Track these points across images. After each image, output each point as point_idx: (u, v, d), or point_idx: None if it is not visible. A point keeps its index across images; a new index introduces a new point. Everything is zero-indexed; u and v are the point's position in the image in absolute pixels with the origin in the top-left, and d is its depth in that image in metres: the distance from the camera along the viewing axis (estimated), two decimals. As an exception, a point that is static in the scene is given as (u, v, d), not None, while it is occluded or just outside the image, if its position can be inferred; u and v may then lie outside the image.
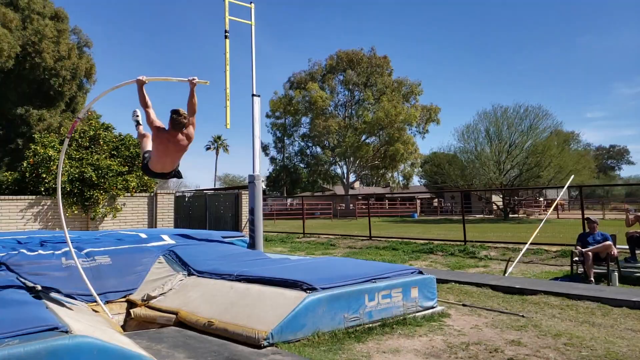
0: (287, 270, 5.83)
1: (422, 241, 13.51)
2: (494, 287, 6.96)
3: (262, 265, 6.45)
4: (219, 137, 64.14)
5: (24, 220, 12.38)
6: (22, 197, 12.50)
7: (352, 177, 46.82)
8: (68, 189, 12.66)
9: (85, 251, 6.70)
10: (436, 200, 50.35)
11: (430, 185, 48.34)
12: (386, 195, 48.68)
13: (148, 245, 7.27)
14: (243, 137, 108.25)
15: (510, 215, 30.98)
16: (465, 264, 9.98)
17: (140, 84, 4.72)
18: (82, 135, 13.89)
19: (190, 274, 6.42)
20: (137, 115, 5.70)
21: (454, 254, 11.26)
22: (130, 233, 8.48)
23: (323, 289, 4.90)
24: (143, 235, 8.09)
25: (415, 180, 53.33)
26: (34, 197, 12.60)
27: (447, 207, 45.70)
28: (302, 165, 47.01)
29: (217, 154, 64.64)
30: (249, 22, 7.87)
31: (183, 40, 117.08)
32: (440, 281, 7.60)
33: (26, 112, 16.44)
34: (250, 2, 7.94)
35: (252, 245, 7.88)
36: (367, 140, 43.73)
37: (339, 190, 48.97)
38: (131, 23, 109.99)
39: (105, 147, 13.95)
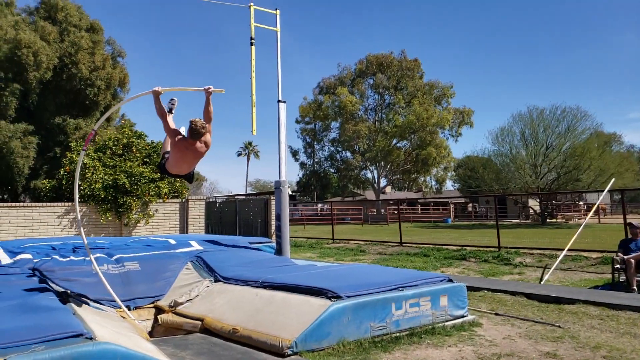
0: (313, 278, 5.75)
1: (454, 247, 13.21)
2: (529, 296, 6.68)
3: (288, 271, 6.39)
4: (250, 144, 64.88)
5: (61, 226, 12.75)
6: (59, 203, 12.89)
7: (383, 182, 46.42)
8: (102, 196, 12.97)
9: (115, 257, 6.81)
10: (470, 204, 49.34)
11: (464, 189, 47.39)
12: (418, 200, 48.04)
13: (176, 251, 7.33)
14: (274, 143, 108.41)
15: (548, 220, 29.99)
16: (498, 271, 9.66)
17: (156, 95, 4.86)
18: (115, 143, 14.24)
19: (216, 280, 6.42)
20: (173, 104, 5.71)
21: (487, 260, 10.94)
22: (160, 239, 8.59)
23: (348, 297, 4.79)
24: (172, 242, 8.17)
25: (449, 185, 52.50)
26: (70, 203, 12.97)
27: (482, 211, 44.70)
28: (332, 170, 46.94)
29: (248, 159, 65.43)
30: (275, 29, 7.87)
31: (212, 47, 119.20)
32: (472, 289, 7.36)
33: (63, 121, 17.01)
34: (276, 9, 7.94)
35: (279, 251, 7.84)
36: (398, 144, 43.29)
37: (370, 195, 48.62)
38: (161, 33, 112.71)
39: (138, 155, 14.25)
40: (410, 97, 42.80)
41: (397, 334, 4.74)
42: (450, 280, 5.70)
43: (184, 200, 14.57)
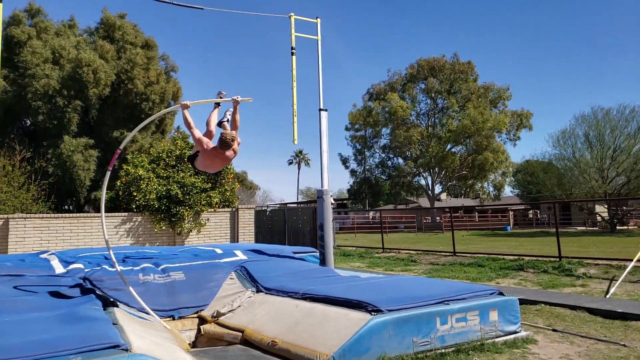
0: (354, 290, 5.57)
1: (511, 257, 12.55)
2: (592, 311, 6.15)
3: (330, 283, 6.24)
4: (300, 152, 65.48)
5: (118, 235, 13.25)
6: (116, 214, 13.41)
7: (438, 189, 45.31)
8: (156, 206, 13.38)
9: (161, 267, 6.91)
10: (531, 211, 47.14)
11: (524, 195, 45.40)
12: (476, 208, 46.49)
13: (221, 261, 7.37)
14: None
15: (618, 228, 28.04)
16: (559, 283, 9.02)
17: (184, 108, 5.22)
18: (169, 154, 14.68)
19: (258, 291, 6.37)
20: (221, 97, 5.74)
21: (546, 271, 10.28)
22: (207, 249, 8.70)
23: (390, 310, 4.59)
24: (219, 251, 8.25)
25: (507, 191, 50.43)
26: (126, 214, 13.47)
27: (544, 218, 42.58)
28: (383, 177, 46.34)
29: (299, 168, 66.04)
30: (316, 37, 7.80)
31: (262, 55, 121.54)
32: (527, 302, 6.91)
33: (121, 134, 17.81)
34: (317, 18, 7.89)
35: (322, 261, 7.70)
36: (452, 150, 42.16)
37: (424, 202, 47.58)
38: (212, 46, 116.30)
39: (190, 166, 14.62)
40: (464, 100, 41.64)
41: (443, 350, 4.49)
42: (501, 294, 5.34)
43: (234, 209, 14.78)
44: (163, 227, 13.64)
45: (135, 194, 13.48)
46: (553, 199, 29.98)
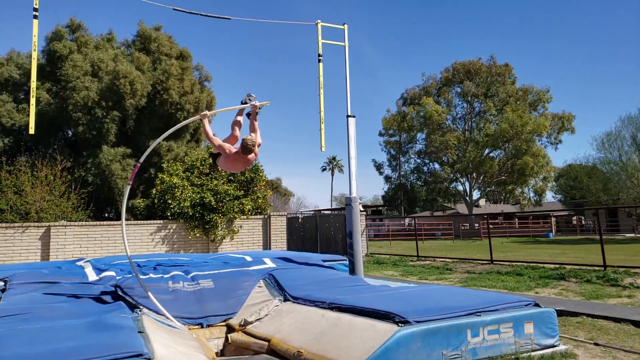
0: (382, 300, 5.42)
1: (552, 265, 12.05)
2: (638, 324, 5.77)
3: (358, 292, 6.10)
4: (334, 158, 65.34)
5: (153, 243, 13.52)
6: (152, 221, 13.70)
7: (476, 195, 44.25)
8: (190, 214, 13.59)
9: (191, 275, 6.94)
10: (575, 217, 45.35)
11: (567, 201, 43.75)
12: (516, 214, 45.11)
13: (249, 269, 7.34)
14: (358, 156, 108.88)
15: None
16: (603, 294, 8.55)
17: (203, 118, 5.47)
18: (202, 162, 14.92)
19: (285, 299, 6.30)
20: (249, 98, 5.77)
21: (590, 280, 9.78)
22: (237, 256, 8.71)
23: (417, 322, 4.41)
24: (248, 259, 8.23)
25: (549, 196, 48.74)
26: (161, 221, 13.73)
27: (589, 225, 40.86)
28: (419, 183, 45.60)
29: (332, 174, 65.87)
30: (343, 44, 7.73)
31: (296, 63, 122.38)
32: (568, 314, 6.56)
33: (157, 144, 18.26)
34: (344, 24, 7.81)
35: (352, 270, 7.56)
36: (490, 154, 41.11)
37: (462, 208, 46.54)
38: (245, 54, 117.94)
39: (223, 173, 14.79)
40: (502, 104, 40.59)
41: (474, 364, 4.28)
42: (537, 305, 5.07)
43: (266, 216, 14.84)
44: (197, 235, 13.82)
45: (170, 201, 13.75)
46: (598, 204, 28.75)
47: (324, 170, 68.46)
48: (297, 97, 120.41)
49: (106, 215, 18.92)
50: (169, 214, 13.70)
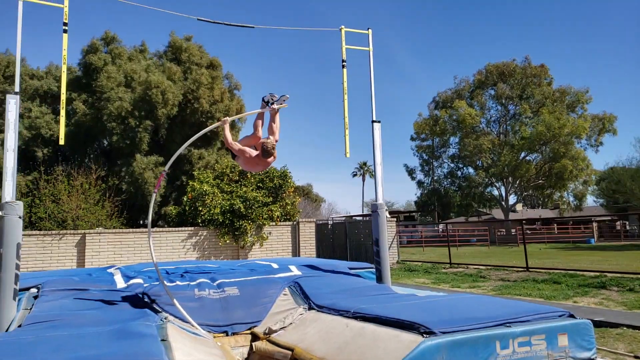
0: (408, 309, 5.25)
1: (592, 273, 11.54)
2: (685, 337, 5.41)
3: (383, 301, 5.95)
4: (364, 164, 64.93)
5: (185, 249, 13.70)
6: (183, 228, 13.89)
7: (512, 199, 43.08)
8: (220, 220, 13.71)
9: (217, 282, 6.94)
10: (618, 222, 43.51)
11: (610, 205, 42.06)
12: (555, 219, 43.66)
13: (275, 276, 7.29)
14: (389, 161, 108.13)
15: None
16: (647, 303, 8.10)
17: (224, 124, 5.63)
18: (232, 170, 15.07)
19: (310, 308, 6.21)
20: (273, 99, 5.82)
21: (633, 289, 9.30)
22: (264, 263, 8.68)
23: (443, 332, 4.24)
24: (275, 266, 8.19)
25: (590, 200, 46.99)
26: (192, 228, 13.91)
27: (633, 230, 39.11)
28: (453, 188, 44.73)
29: (363, 180, 65.37)
30: (367, 49, 7.63)
31: (325, 68, 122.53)
32: (608, 325, 6.22)
33: (188, 152, 18.58)
34: (368, 29, 7.71)
35: (378, 278, 7.41)
36: (527, 158, 39.99)
37: (498, 214, 45.40)
38: (273, 62, 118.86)
39: (252, 180, 14.90)
40: (538, 105, 39.47)
41: (504, 378, 4.08)
42: (572, 316, 4.81)
43: (295, 222, 14.83)
44: (227, 241, 13.93)
45: (200, 208, 13.93)
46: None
47: (354, 175, 68.17)
48: (327, 102, 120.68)
49: (140, 222, 19.35)
50: (199, 221, 13.88)
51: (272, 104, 5.83)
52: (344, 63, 7.48)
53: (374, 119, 7.47)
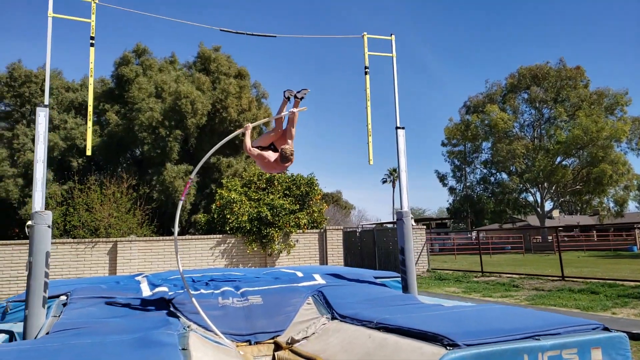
0: (432, 320, 5.10)
1: (633, 283, 11.03)
2: None
3: (408, 312, 5.79)
4: (394, 170, 64.25)
5: (213, 257, 13.81)
6: (211, 236, 14.02)
7: (548, 205, 41.79)
8: (248, 228, 13.77)
9: (241, 291, 6.93)
10: (664, 229, 41.56)
11: (653, 211, 40.26)
12: (595, 226, 42.10)
13: (299, 285, 7.23)
14: (420, 168, 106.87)
15: None
16: (692, 315, 7.65)
17: (246, 131, 5.76)
18: (259, 177, 15.15)
19: (333, 318, 6.12)
20: (291, 94, 6.01)
21: (677, 300, 8.81)
22: (289, 271, 8.64)
23: (468, 345, 4.07)
24: (299, 274, 8.13)
25: (632, 206, 45.13)
26: (220, 235, 14.02)
27: (680, 237, 37.24)
28: (486, 194, 43.70)
29: (393, 186, 64.59)
30: (390, 55, 7.54)
31: (354, 74, 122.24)
32: (648, 339, 5.89)
33: (217, 160, 18.82)
34: (391, 35, 7.62)
35: (404, 287, 7.26)
36: (563, 163, 38.78)
37: (534, 220, 44.12)
38: (299, 70, 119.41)
39: (279, 187, 14.93)
40: (574, 108, 38.28)
41: (533, 395, 3.88)
42: (606, 329, 4.55)
43: (322, 230, 14.75)
44: (255, 248, 13.98)
45: (228, 216, 14.04)
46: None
47: (384, 182, 67.55)
48: (356, 108, 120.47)
49: (171, 230, 19.68)
50: (227, 229, 13.98)
51: (294, 97, 6.05)
52: (366, 70, 7.41)
53: (398, 125, 7.35)
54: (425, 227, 17.65)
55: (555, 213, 47.63)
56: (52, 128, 18.25)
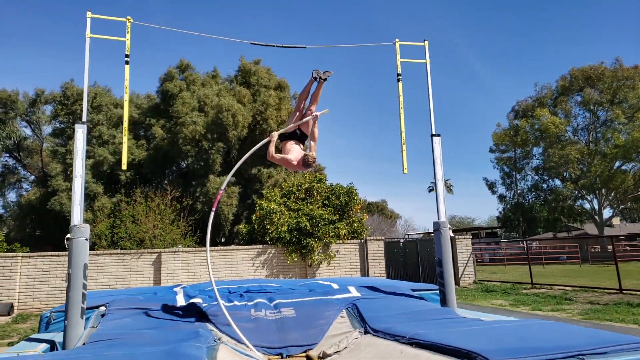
0: (467, 336, 4.83)
1: (700, 296, 10.16)
2: None
3: (443, 326, 5.53)
4: (441, 178, 62.83)
5: (254, 267, 13.88)
6: (252, 246, 14.11)
7: (607, 213, 39.57)
8: (287, 238, 13.77)
9: (274, 303, 6.87)
10: None
11: None
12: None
13: (333, 297, 7.08)
14: (467, 175, 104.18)
15: None
16: None
17: (271, 139, 6.05)
18: (298, 188, 15.15)
19: (366, 332, 5.94)
20: (317, 73, 6.38)
21: None
22: (324, 283, 8.50)
23: (503, 364, 3.83)
24: (335, 286, 7.98)
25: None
26: (261, 246, 14.09)
27: None
28: (538, 202, 41.85)
29: (441, 195, 62.94)
30: (424, 61, 7.34)
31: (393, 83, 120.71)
32: None
33: (258, 171, 19.03)
34: (424, 40, 7.42)
35: (442, 301, 6.96)
36: (622, 167, 36.65)
37: (591, 229, 41.87)
38: (339, 79, 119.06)
39: (318, 198, 14.86)
40: (633, 110, 36.16)
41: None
42: (661, 350, 4.14)
43: (362, 240, 14.54)
44: (295, 259, 13.94)
45: (268, 227, 14.09)
46: None
47: (430, 190, 66.13)
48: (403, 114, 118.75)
49: (216, 240, 20.03)
50: (267, 239, 14.04)
51: (320, 79, 6.41)
52: (399, 77, 7.26)
53: (434, 132, 7.12)
54: (470, 237, 17.04)
55: (616, 221, 45.05)
56: (102, 143, 19.07)
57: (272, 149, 6.02)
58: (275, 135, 6.10)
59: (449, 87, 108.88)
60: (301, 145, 6.34)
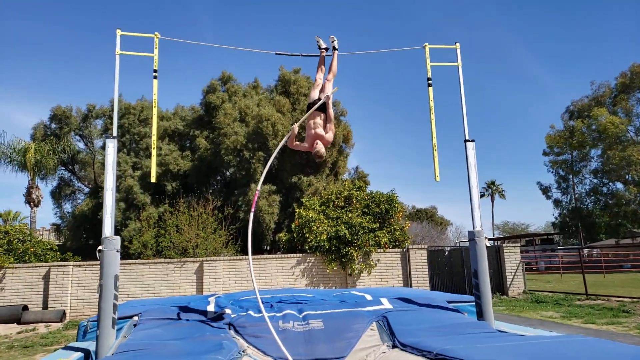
0: (498, 353, 4.51)
1: None
2: None
3: (475, 342, 5.21)
4: (492, 183, 60.60)
5: (294, 276, 13.84)
6: (292, 255, 14.08)
7: (676, 217, 36.80)
8: (327, 247, 13.64)
9: (303, 314, 6.76)
10: None
11: None
12: None
13: (363, 309, 6.88)
14: (520, 179, 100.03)
15: None
16: None
17: (292, 132, 6.33)
18: (337, 196, 15.00)
19: (394, 346, 5.71)
20: (321, 43, 6.70)
21: None
22: (358, 294, 8.29)
23: (532, 388, 3.53)
24: (368, 297, 7.76)
25: None
26: (300, 255, 14.03)
27: None
28: (598, 206, 39.48)
29: (492, 200, 60.73)
30: (455, 64, 7.04)
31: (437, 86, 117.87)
32: None
33: (298, 179, 19.04)
34: (455, 43, 7.13)
35: (479, 314, 6.61)
36: (692, 168, 34.04)
37: (659, 234, 39.04)
38: (376, 85, 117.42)
39: (358, 206, 14.65)
40: None
41: None
42: None
43: (404, 249, 14.18)
44: (334, 268, 13.78)
45: (307, 235, 14.02)
46: None
47: (482, 196, 64.03)
48: (443, 121, 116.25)
49: (261, 247, 20.21)
50: (307, 248, 13.97)
51: (326, 48, 6.66)
52: (429, 81, 7.01)
53: (467, 137, 6.81)
54: (518, 244, 16.24)
55: (686, 226, 41.75)
56: (149, 155, 19.76)
57: (292, 140, 6.46)
58: (295, 128, 6.40)
59: (494, 88, 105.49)
60: (321, 116, 6.47)
